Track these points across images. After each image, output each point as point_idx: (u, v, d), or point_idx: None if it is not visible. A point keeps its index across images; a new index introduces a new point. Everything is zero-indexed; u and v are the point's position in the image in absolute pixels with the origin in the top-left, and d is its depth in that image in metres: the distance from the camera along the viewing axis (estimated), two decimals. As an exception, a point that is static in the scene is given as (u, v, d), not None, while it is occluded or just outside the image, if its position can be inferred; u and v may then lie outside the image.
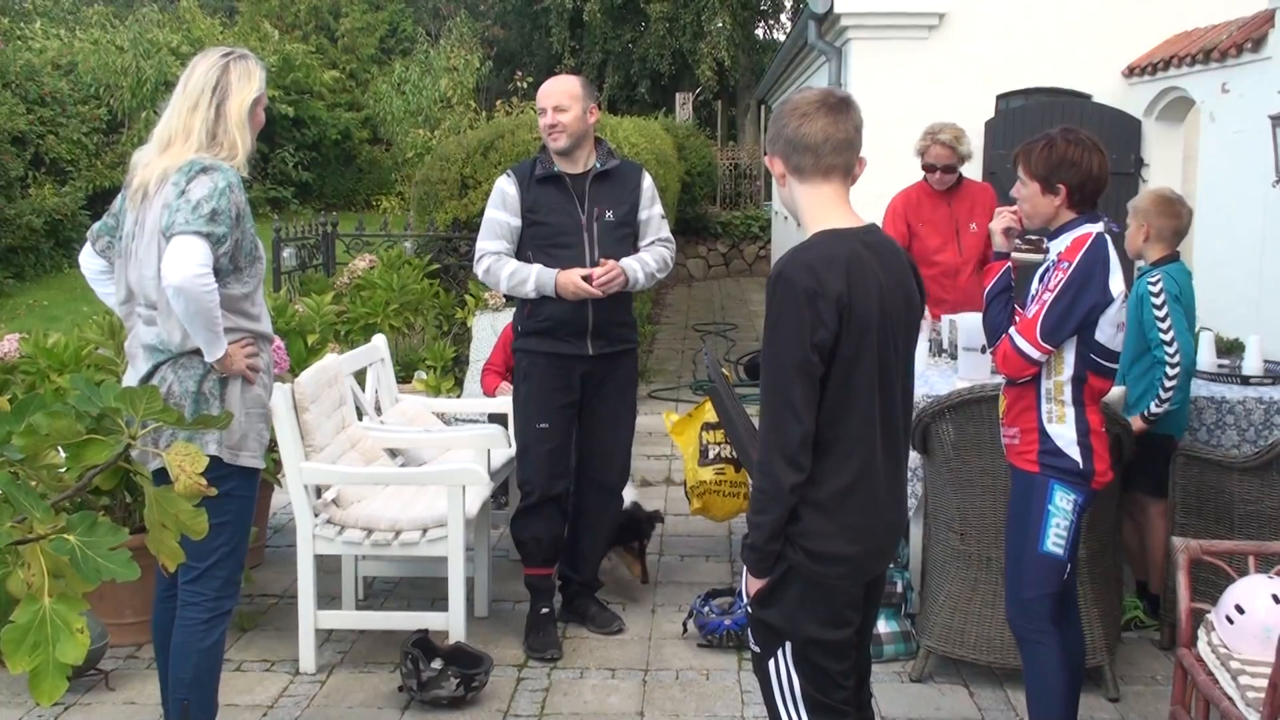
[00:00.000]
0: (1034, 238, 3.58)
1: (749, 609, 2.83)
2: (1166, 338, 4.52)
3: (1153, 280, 4.59)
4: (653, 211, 4.87)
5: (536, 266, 4.60)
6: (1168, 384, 4.53)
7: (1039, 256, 3.63)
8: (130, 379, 3.50)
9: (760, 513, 2.66)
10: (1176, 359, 4.52)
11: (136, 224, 3.42)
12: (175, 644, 3.53)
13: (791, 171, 2.75)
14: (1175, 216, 4.68)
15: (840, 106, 2.72)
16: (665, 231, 4.92)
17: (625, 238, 4.76)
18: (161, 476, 3.55)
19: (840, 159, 2.71)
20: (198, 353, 3.38)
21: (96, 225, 3.64)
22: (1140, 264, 4.84)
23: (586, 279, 4.53)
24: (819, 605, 2.72)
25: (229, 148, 3.36)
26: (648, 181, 4.90)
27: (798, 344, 2.56)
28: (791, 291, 2.57)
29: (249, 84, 3.40)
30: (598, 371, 4.76)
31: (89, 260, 3.67)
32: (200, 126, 3.34)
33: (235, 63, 3.41)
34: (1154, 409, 4.57)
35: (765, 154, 2.91)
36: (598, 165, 4.73)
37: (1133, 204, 4.77)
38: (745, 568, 2.80)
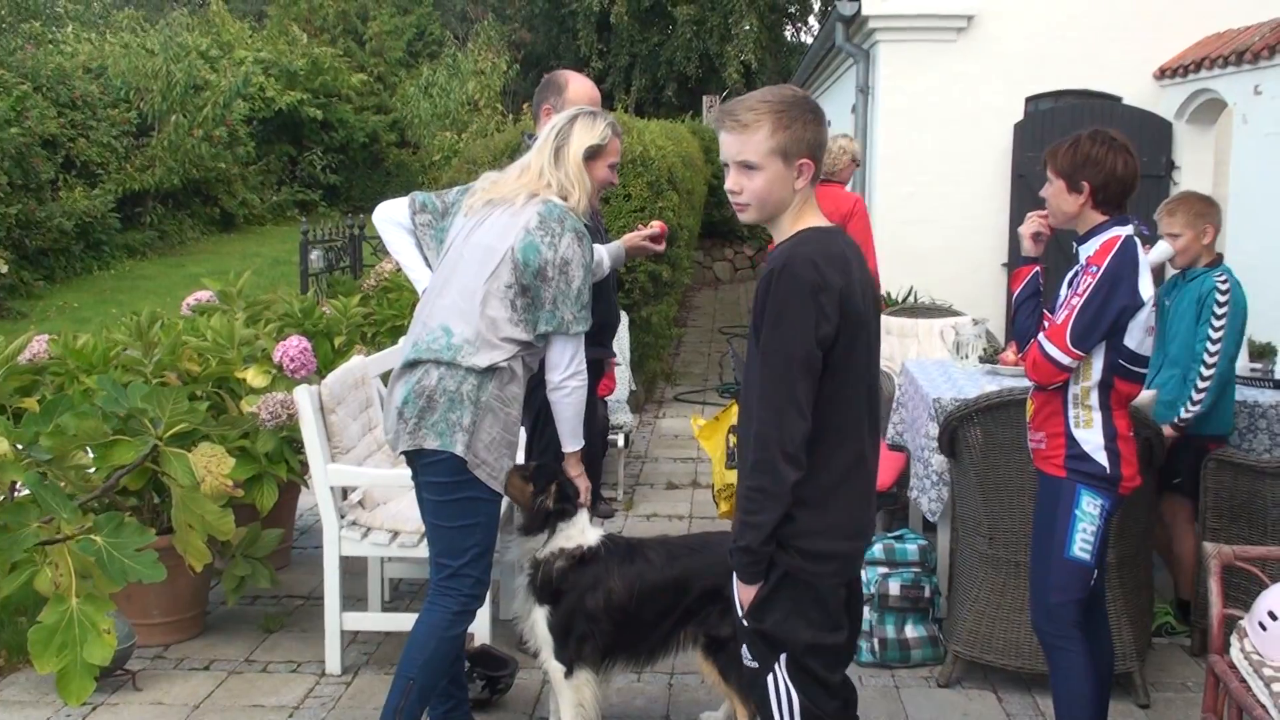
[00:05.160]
0: None
1: (745, 621, 2.71)
2: (1215, 336, 4.49)
3: (1221, 279, 4.54)
4: None
5: (599, 245, 4.34)
6: (1201, 385, 4.49)
7: None
8: (404, 344, 3.64)
9: (757, 513, 2.55)
10: (1214, 362, 4.49)
11: (467, 230, 3.62)
12: (421, 628, 3.59)
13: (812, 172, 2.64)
14: (1218, 216, 4.67)
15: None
16: None
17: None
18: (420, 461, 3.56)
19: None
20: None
21: (423, 196, 3.93)
22: (1172, 269, 4.79)
23: (651, 239, 4.46)
24: (813, 609, 2.65)
25: (562, 187, 3.62)
26: None
27: (802, 338, 2.50)
28: (796, 285, 2.51)
29: (588, 133, 3.68)
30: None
31: (398, 213, 3.91)
32: (547, 166, 3.64)
33: (583, 117, 3.72)
34: (1184, 414, 4.54)
35: (787, 157, 2.59)
36: None
37: (1186, 210, 4.62)
38: (735, 576, 2.68)
